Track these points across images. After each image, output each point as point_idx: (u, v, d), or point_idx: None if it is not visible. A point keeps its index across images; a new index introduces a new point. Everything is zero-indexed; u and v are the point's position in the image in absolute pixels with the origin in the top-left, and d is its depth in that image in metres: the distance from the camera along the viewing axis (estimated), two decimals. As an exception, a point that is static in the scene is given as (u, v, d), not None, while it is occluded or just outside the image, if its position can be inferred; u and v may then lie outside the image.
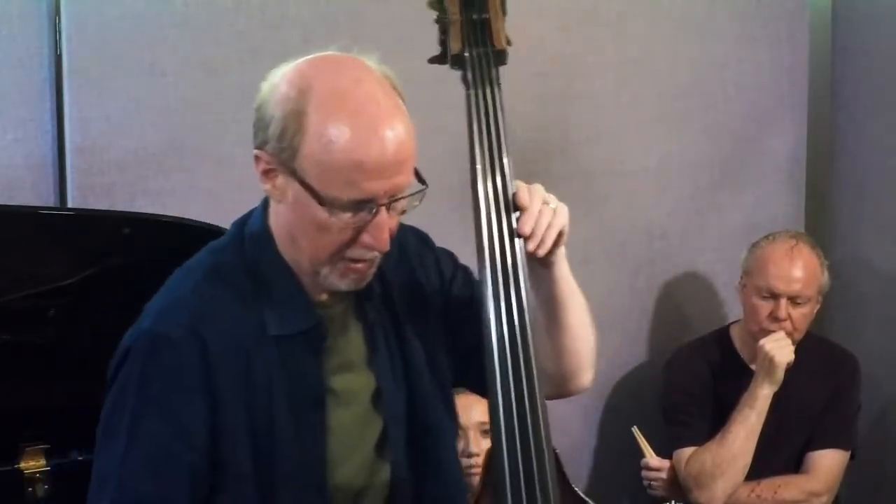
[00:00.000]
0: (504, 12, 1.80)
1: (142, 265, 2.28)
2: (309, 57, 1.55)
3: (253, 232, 1.62)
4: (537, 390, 1.61)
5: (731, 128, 3.37)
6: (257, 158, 1.54)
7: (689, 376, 3.01)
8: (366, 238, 1.52)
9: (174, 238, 2.32)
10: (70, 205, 2.65)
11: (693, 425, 2.93)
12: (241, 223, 1.65)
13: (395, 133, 1.48)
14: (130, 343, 1.56)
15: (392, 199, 1.51)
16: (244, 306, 1.57)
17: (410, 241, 1.75)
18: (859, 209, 3.41)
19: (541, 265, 1.68)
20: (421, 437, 1.70)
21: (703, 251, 3.38)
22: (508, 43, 1.79)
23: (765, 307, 2.84)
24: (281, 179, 1.52)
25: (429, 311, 1.74)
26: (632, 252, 3.29)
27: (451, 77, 1.71)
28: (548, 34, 3.12)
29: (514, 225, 1.64)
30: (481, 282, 1.64)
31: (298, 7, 2.82)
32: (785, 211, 3.44)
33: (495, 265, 1.63)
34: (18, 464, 2.30)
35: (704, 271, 3.39)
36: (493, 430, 1.61)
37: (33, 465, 2.30)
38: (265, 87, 1.54)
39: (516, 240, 1.64)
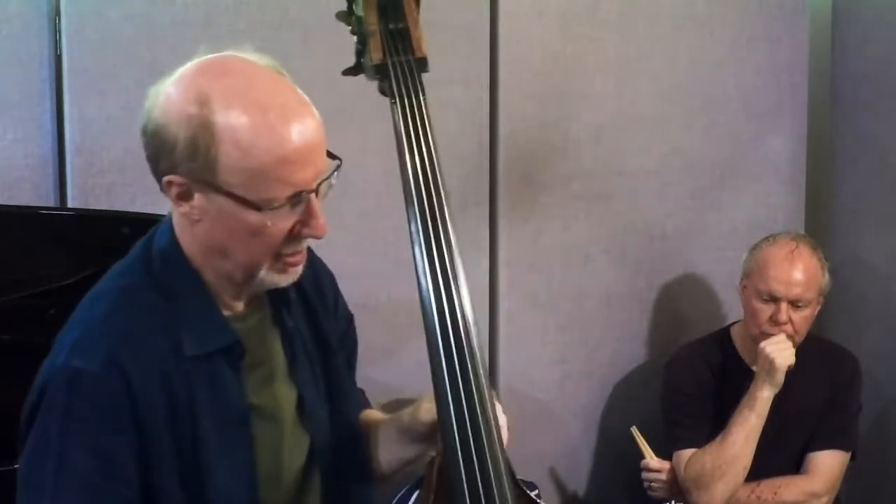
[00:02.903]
0: (417, 22, 1.78)
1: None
2: (187, 67, 1.49)
3: (162, 247, 1.56)
4: (480, 369, 1.58)
5: (731, 128, 3.37)
6: (169, 184, 1.46)
7: (689, 377, 3.00)
8: (304, 230, 1.49)
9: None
10: (70, 205, 2.65)
11: (693, 427, 2.92)
12: (147, 240, 1.60)
13: (307, 118, 1.45)
14: (46, 380, 1.48)
15: (320, 182, 1.47)
16: (159, 328, 1.51)
17: (311, 253, 1.68)
18: (859, 209, 3.41)
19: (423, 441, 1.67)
20: (346, 448, 1.70)
21: (703, 251, 3.38)
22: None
23: (765, 310, 2.83)
24: (199, 198, 1.46)
25: (334, 326, 1.74)
26: (632, 252, 3.29)
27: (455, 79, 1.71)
28: (548, 34, 3.12)
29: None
30: (418, 277, 1.60)
31: (298, 7, 2.82)
32: (785, 211, 3.44)
33: (435, 272, 1.60)
34: (18, 464, 2.30)
35: (704, 271, 3.39)
36: (442, 428, 1.58)
37: (33, 465, 2.30)
38: (154, 111, 1.46)
39: (454, 250, 1.62)
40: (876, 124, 3.32)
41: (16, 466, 2.27)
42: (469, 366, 1.57)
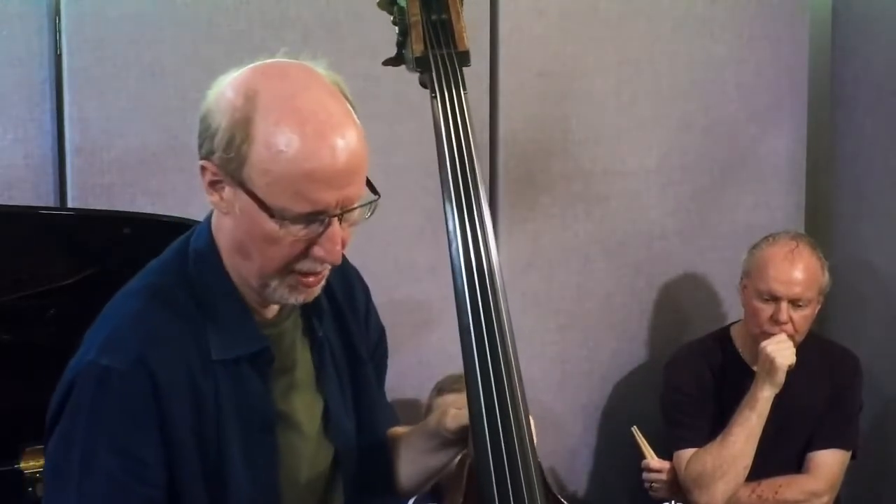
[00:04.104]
0: (461, 14, 1.77)
1: (142, 265, 2.30)
2: (255, 63, 1.49)
3: (198, 248, 1.56)
4: (514, 369, 1.58)
5: (731, 128, 3.37)
6: (203, 169, 1.47)
7: (689, 377, 3.00)
8: (317, 251, 1.46)
9: (174, 238, 2.33)
10: (70, 205, 2.65)
11: (693, 426, 2.92)
12: (184, 240, 1.60)
13: (346, 141, 1.42)
14: (74, 376, 1.48)
15: (344, 210, 1.44)
16: (189, 330, 1.51)
17: (345, 262, 1.67)
18: (859, 209, 3.41)
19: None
20: (371, 460, 1.69)
21: (703, 251, 3.38)
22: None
23: (765, 310, 2.83)
24: (228, 191, 1.46)
25: (364, 336, 1.73)
26: (632, 252, 3.29)
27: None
28: (548, 34, 3.12)
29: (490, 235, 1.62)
30: (459, 311, 1.59)
31: (298, 7, 2.83)
32: (785, 211, 3.44)
33: (471, 270, 1.59)
34: (18, 464, 2.30)
35: (704, 271, 3.39)
36: (474, 431, 1.57)
37: (33, 465, 2.30)
38: (211, 95, 1.47)
39: (491, 245, 1.61)
40: (876, 124, 3.32)
41: (16, 467, 2.30)
42: (503, 369, 1.57)
